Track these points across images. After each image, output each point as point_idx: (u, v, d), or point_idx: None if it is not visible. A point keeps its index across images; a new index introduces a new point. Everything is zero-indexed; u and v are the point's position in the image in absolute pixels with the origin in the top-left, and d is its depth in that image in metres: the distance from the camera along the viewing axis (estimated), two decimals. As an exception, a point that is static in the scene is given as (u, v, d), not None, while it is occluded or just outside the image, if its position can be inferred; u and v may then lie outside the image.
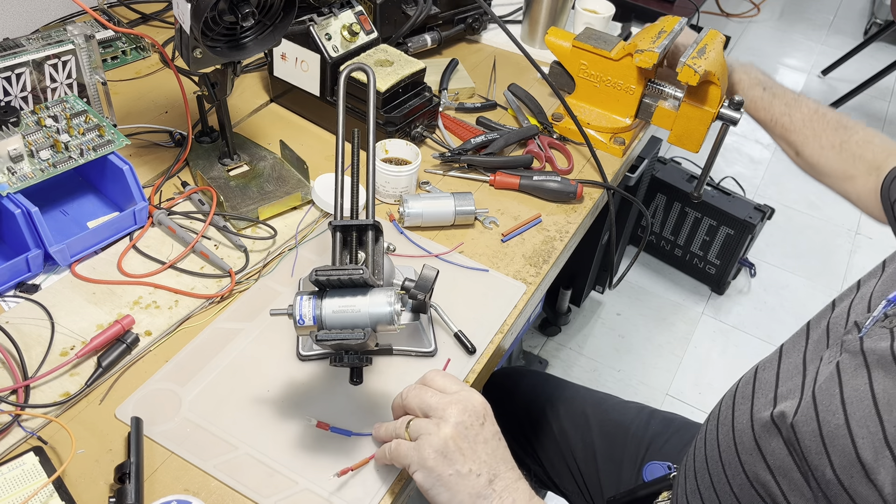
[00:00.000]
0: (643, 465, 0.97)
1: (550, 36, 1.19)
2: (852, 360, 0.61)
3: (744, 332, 2.17)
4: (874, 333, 0.61)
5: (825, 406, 0.61)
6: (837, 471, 0.58)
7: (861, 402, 0.58)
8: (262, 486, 0.70)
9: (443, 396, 0.67)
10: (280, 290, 0.89)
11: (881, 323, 0.62)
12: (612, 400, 1.11)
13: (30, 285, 0.85)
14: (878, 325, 0.62)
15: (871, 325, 0.62)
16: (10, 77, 0.95)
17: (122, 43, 1.23)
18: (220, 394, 0.77)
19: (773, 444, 0.66)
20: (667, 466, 0.94)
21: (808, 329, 0.73)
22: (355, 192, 0.75)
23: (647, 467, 0.96)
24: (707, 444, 0.76)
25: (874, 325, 0.62)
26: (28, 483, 0.67)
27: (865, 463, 0.56)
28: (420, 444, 0.64)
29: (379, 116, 1.08)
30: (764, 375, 0.73)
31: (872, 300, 0.67)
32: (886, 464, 0.55)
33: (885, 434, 0.55)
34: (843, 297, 0.72)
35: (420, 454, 0.64)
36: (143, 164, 1.04)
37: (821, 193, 2.70)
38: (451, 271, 0.94)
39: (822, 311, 0.74)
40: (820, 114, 1.06)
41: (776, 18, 3.84)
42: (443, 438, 0.64)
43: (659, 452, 0.99)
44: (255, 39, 0.91)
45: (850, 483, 0.57)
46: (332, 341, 0.64)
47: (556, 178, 1.07)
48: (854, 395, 0.59)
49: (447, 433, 0.64)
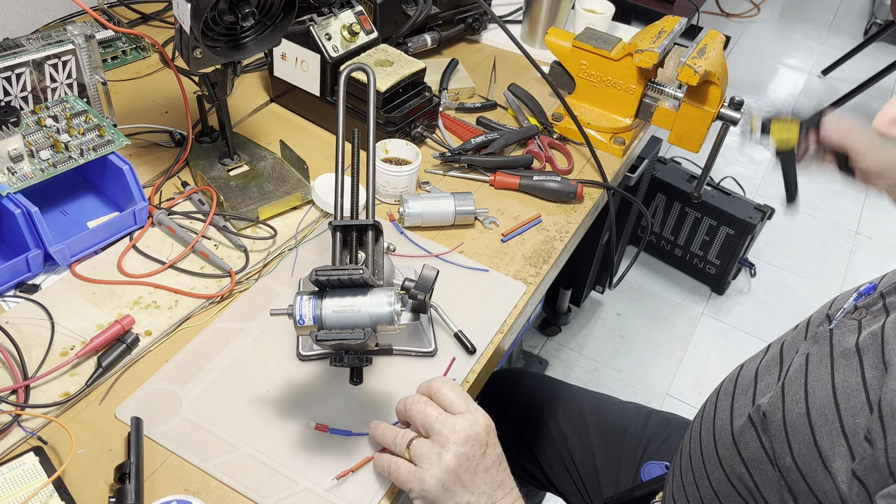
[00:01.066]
0: (641, 465, 0.97)
1: (550, 36, 1.19)
2: (819, 351, 0.63)
3: (744, 332, 2.17)
4: (843, 325, 0.63)
5: (791, 396, 0.62)
6: (797, 458, 0.60)
7: (822, 391, 0.60)
8: (262, 486, 0.70)
9: (447, 419, 0.65)
10: (280, 290, 0.89)
11: (851, 315, 0.63)
12: (609, 401, 1.11)
13: (30, 285, 0.85)
14: (848, 316, 0.63)
15: (842, 317, 0.64)
16: (10, 77, 0.95)
17: (122, 43, 1.23)
18: (220, 394, 0.77)
19: (748, 437, 0.67)
20: (664, 466, 0.94)
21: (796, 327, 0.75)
22: (355, 192, 0.75)
23: (644, 467, 0.96)
24: (691, 441, 0.77)
25: (844, 316, 0.63)
26: (28, 483, 0.67)
27: (822, 451, 0.57)
28: (421, 473, 0.64)
29: (379, 116, 1.08)
30: (746, 372, 0.74)
31: (849, 296, 0.69)
32: (841, 452, 0.56)
33: (841, 424, 0.57)
34: None
35: (421, 483, 0.64)
36: (143, 164, 1.04)
37: (821, 193, 2.71)
38: (451, 271, 0.94)
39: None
40: None
41: (776, 18, 3.84)
42: (444, 469, 0.63)
43: (657, 452, 0.99)
44: (255, 39, 0.91)
45: (807, 470, 0.59)
46: (332, 341, 0.64)
47: (556, 178, 1.07)
48: (817, 384, 0.61)
49: (449, 464, 0.63)
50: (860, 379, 0.58)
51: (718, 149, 1.15)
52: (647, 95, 1.16)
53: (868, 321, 0.62)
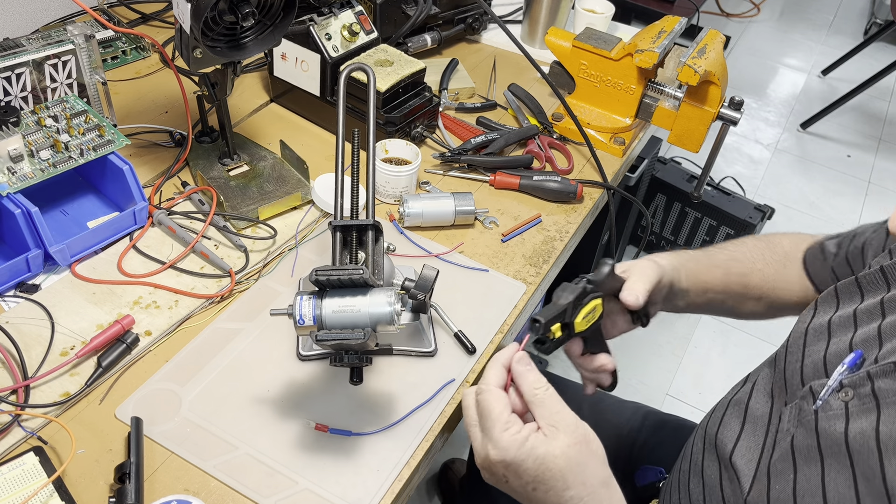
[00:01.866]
0: (635, 469, 0.97)
1: (550, 36, 1.19)
2: (806, 439, 0.59)
3: (744, 332, 2.17)
4: (829, 408, 0.59)
5: (777, 493, 0.59)
6: None
7: (812, 497, 0.57)
8: (262, 486, 0.70)
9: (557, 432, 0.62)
10: (280, 290, 0.89)
11: (837, 394, 0.59)
12: (609, 399, 1.11)
13: (30, 285, 0.85)
14: (833, 395, 0.59)
15: (827, 396, 0.59)
16: (10, 77, 0.95)
17: (122, 43, 1.23)
18: (220, 394, 0.77)
19: (729, 490, 0.66)
20: (658, 472, 0.94)
21: (775, 361, 0.72)
22: (355, 192, 0.75)
23: (638, 472, 0.95)
24: (692, 470, 0.76)
25: (830, 394, 0.59)
26: (28, 483, 0.67)
27: None
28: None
29: (379, 116, 1.08)
30: (730, 421, 0.72)
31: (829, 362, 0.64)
32: None
33: None
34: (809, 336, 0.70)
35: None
36: (143, 164, 1.04)
37: (821, 193, 2.71)
38: (451, 271, 0.94)
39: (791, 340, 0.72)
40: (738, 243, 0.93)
41: (776, 18, 3.84)
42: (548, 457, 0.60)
43: (650, 457, 0.99)
44: (255, 39, 0.91)
45: None
46: (332, 341, 0.64)
47: (556, 178, 1.07)
48: (806, 486, 0.57)
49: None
50: (853, 493, 0.54)
51: (718, 149, 1.15)
52: (647, 95, 1.16)
53: (857, 409, 0.57)
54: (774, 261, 0.91)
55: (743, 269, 0.89)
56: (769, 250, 0.91)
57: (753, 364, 0.81)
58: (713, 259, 0.89)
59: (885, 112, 3.22)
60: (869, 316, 0.64)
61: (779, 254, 0.91)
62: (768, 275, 0.90)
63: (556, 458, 0.60)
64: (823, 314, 0.70)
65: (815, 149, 2.94)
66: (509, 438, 0.60)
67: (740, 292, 0.89)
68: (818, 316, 0.70)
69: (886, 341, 0.60)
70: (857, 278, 0.69)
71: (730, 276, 0.88)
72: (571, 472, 0.60)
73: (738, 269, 0.89)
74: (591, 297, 0.73)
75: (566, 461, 0.60)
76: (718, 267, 0.88)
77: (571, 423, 0.62)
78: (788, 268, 0.90)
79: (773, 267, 0.90)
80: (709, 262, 0.88)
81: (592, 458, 0.62)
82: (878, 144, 3.01)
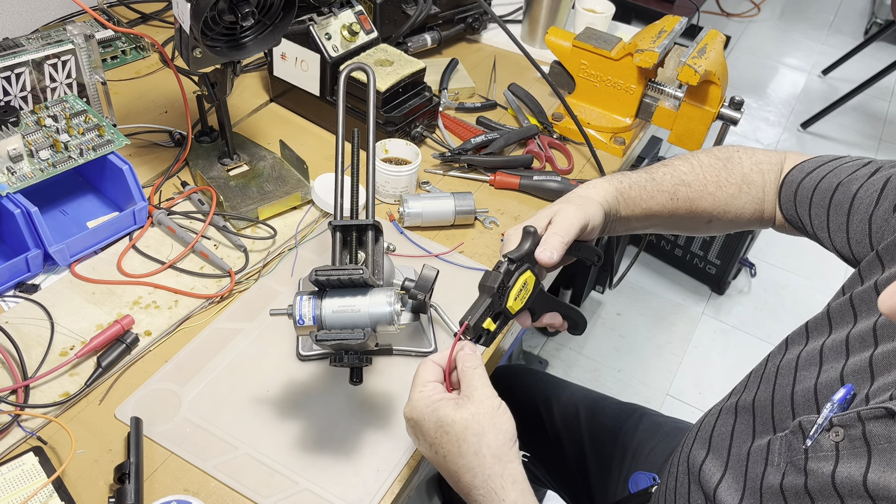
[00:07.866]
0: (629, 474, 0.96)
1: (550, 36, 1.19)
2: (795, 480, 0.58)
3: (744, 332, 2.17)
4: (819, 447, 0.57)
5: None
6: None
7: None
8: (262, 486, 0.70)
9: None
10: (280, 290, 0.89)
11: (826, 433, 0.57)
12: (606, 401, 1.11)
13: (29, 285, 0.85)
14: (823, 434, 0.58)
15: (817, 434, 0.58)
16: (9, 77, 0.95)
17: (121, 43, 1.23)
18: (220, 394, 0.77)
19: None
20: (651, 478, 0.93)
21: (760, 382, 0.70)
22: (355, 192, 0.75)
23: (633, 477, 0.95)
24: (678, 491, 0.75)
25: (820, 433, 0.58)
26: (28, 483, 0.67)
27: None
28: None
29: (379, 116, 1.08)
30: (717, 442, 0.71)
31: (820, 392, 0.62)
32: None
33: None
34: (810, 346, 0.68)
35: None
36: (143, 163, 1.04)
37: (821, 193, 2.71)
38: (451, 271, 0.94)
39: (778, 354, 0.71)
40: (693, 162, 0.87)
41: (776, 18, 3.84)
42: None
43: (644, 461, 0.98)
44: (255, 39, 0.91)
45: None
46: (332, 341, 0.64)
47: (556, 177, 1.07)
48: None
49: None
50: None
51: (718, 148, 1.15)
52: (647, 95, 1.16)
53: (847, 451, 0.55)
54: (730, 183, 0.85)
55: (692, 195, 0.84)
56: (725, 171, 0.85)
57: (753, 364, 0.81)
58: (660, 184, 0.84)
59: (885, 112, 3.22)
60: (861, 343, 0.62)
61: (735, 175, 0.85)
62: (720, 199, 0.85)
63: (454, 422, 0.62)
64: (815, 341, 0.68)
65: (815, 148, 2.94)
66: (418, 396, 0.64)
67: (687, 217, 0.85)
68: (811, 342, 0.68)
69: (878, 375, 0.58)
70: (852, 297, 0.66)
71: (677, 201, 0.84)
72: (465, 441, 0.61)
73: (686, 195, 0.84)
74: (518, 274, 0.71)
75: (462, 428, 0.61)
76: (664, 192, 0.83)
77: (485, 397, 0.63)
78: (744, 191, 0.85)
79: (728, 190, 0.85)
80: (654, 187, 0.84)
81: (492, 430, 0.62)
82: (878, 144, 3.01)
